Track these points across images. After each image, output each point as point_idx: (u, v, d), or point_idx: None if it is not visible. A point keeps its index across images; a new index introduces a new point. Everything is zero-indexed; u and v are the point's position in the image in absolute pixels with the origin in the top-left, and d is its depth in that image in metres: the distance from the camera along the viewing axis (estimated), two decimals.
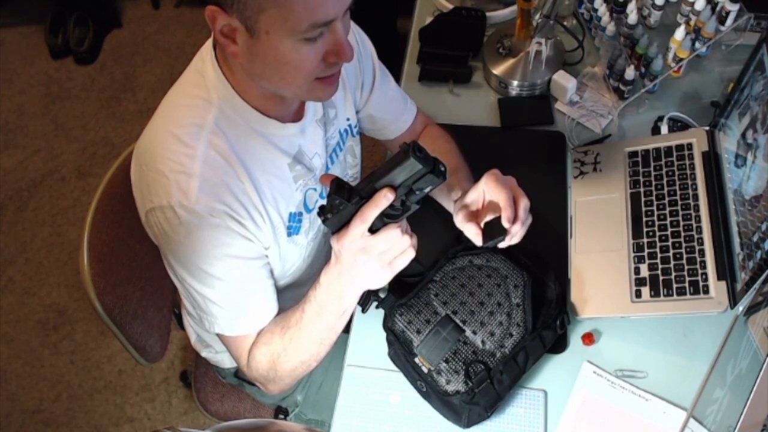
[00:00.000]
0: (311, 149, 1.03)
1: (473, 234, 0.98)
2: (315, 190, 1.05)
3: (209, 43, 0.93)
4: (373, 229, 0.82)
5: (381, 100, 1.16)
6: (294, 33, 0.79)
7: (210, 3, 0.80)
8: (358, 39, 1.11)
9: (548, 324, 1.04)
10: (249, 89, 0.92)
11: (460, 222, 1.00)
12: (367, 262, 0.84)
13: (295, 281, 1.14)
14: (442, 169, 0.77)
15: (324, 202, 0.83)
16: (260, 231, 0.96)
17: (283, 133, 0.97)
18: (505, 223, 0.95)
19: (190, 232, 0.90)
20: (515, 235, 0.97)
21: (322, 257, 1.16)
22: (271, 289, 1.02)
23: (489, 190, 0.98)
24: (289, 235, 1.03)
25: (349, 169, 1.17)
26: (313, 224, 1.07)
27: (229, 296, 0.96)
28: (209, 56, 0.92)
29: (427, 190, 0.80)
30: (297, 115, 1.00)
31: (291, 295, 1.16)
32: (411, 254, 0.85)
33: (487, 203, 0.99)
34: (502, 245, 0.98)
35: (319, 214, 0.82)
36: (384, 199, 0.78)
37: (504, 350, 1.02)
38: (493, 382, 1.00)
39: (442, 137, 1.22)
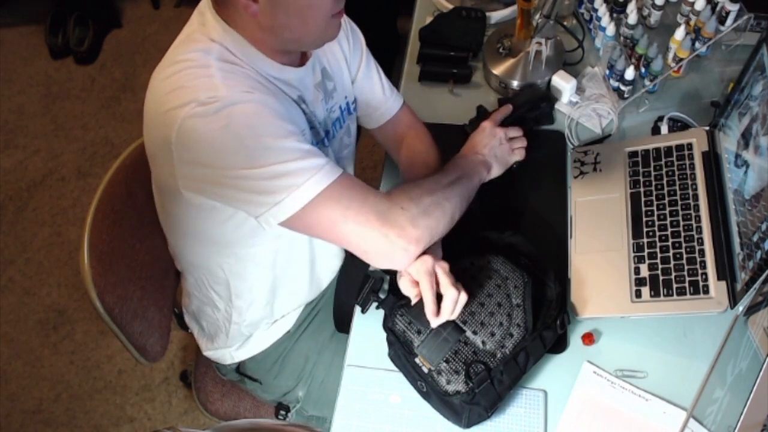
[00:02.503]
0: (311, 105, 1.05)
1: (412, 297, 1.01)
2: (318, 132, 1.07)
3: (205, 1, 0.96)
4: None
5: (364, 86, 1.19)
6: None
7: None
8: (349, 26, 1.15)
9: (548, 324, 1.04)
10: (271, 39, 0.94)
11: (403, 283, 1.01)
12: (498, 141, 1.17)
13: (294, 256, 1.16)
14: (549, 111, 1.33)
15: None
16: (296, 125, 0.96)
17: (284, 76, 0.99)
18: (430, 317, 0.98)
19: (230, 114, 0.85)
20: (442, 319, 0.98)
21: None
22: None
23: (419, 281, 0.98)
24: None
25: (344, 149, 1.19)
26: None
27: (295, 149, 0.88)
28: (207, 7, 0.94)
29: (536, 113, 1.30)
30: (298, 64, 1.02)
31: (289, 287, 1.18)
32: (523, 154, 1.21)
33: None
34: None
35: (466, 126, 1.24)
36: (506, 108, 1.23)
37: (504, 350, 1.02)
38: (494, 382, 1.00)
39: (424, 164, 1.19)
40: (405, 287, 1.01)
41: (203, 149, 0.87)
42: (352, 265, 1.22)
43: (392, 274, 1.16)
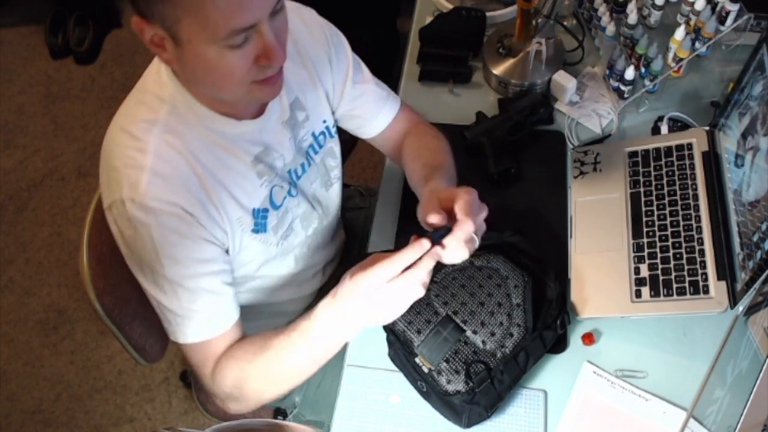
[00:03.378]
0: (277, 149, 1.02)
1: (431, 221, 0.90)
2: (281, 187, 1.04)
3: None
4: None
5: (356, 97, 1.14)
6: (215, 40, 0.79)
7: (136, 12, 0.80)
8: (329, 38, 1.08)
9: (548, 324, 1.04)
10: (197, 90, 0.91)
11: (431, 206, 0.91)
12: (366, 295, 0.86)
13: (274, 284, 1.14)
14: (548, 116, 1.31)
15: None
16: (217, 227, 0.95)
17: (239, 131, 0.96)
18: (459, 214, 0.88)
19: (139, 229, 0.89)
20: (449, 252, 0.87)
21: (306, 256, 1.17)
22: (229, 293, 0.98)
23: (460, 201, 0.89)
24: (256, 231, 1.02)
25: (330, 171, 1.16)
26: (281, 221, 1.06)
27: (182, 300, 0.93)
28: None
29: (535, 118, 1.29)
30: (257, 113, 0.98)
31: (272, 302, 1.17)
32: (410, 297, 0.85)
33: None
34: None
35: None
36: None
37: (504, 350, 1.02)
38: (494, 382, 1.00)
39: (430, 134, 1.19)
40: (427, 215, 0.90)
41: (118, 240, 0.95)
42: (349, 266, 1.22)
43: None
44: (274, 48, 0.82)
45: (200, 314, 0.95)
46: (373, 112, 1.18)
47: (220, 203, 0.94)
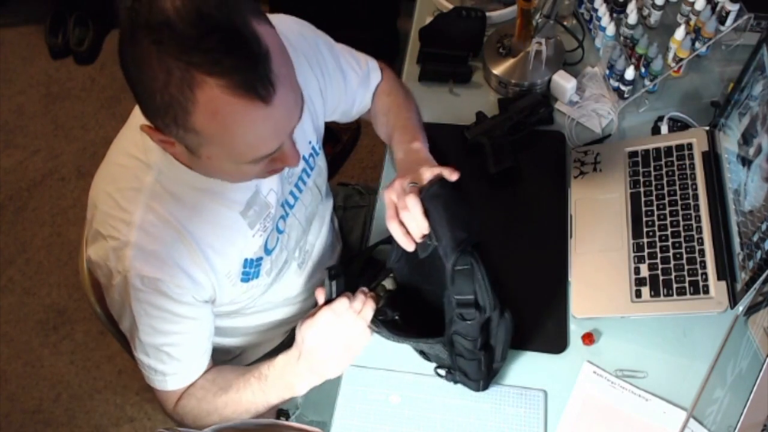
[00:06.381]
0: (266, 186, 1.01)
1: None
2: (276, 229, 1.04)
3: None
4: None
5: (341, 94, 1.14)
6: (239, 163, 0.80)
7: (148, 120, 0.79)
8: (311, 46, 1.05)
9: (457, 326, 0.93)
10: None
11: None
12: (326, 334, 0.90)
13: (273, 308, 1.16)
14: (548, 115, 1.30)
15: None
16: (201, 289, 0.95)
17: (229, 184, 0.95)
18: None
19: (120, 295, 0.92)
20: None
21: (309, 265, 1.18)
22: (205, 348, 1.01)
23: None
24: (247, 280, 1.01)
25: (321, 188, 1.15)
26: (275, 263, 1.06)
27: (156, 361, 0.98)
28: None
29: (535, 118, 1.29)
30: None
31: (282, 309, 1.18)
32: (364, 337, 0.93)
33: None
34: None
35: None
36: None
37: (446, 359, 1.00)
38: (465, 376, 1.00)
39: (388, 97, 1.19)
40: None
41: (102, 287, 0.97)
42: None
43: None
44: (292, 155, 0.84)
45: (176, 370, 0.99)
46: (359, 96, 1.18)
47: (207, 264, 0.94)
